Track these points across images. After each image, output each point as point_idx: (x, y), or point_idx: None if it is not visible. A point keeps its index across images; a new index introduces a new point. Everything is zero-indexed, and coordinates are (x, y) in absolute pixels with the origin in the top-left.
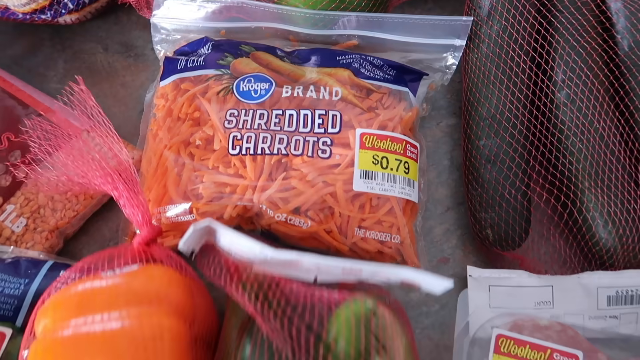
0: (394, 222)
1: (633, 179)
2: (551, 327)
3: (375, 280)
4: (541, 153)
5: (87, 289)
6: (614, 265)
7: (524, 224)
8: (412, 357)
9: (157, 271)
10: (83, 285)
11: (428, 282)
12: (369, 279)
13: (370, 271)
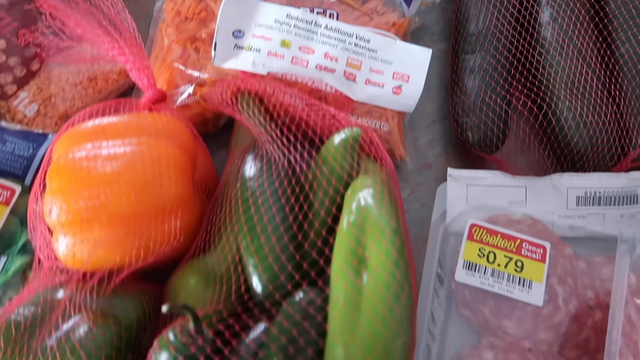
0: (384, 113)
1: (607, 89)
2: (523, 222)
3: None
4: (522, 64)
5: (98, 124)
6: (584, 167)
7: (503, 127)
8: (399, 213)
9: (165, 116)
10: (94, 122)
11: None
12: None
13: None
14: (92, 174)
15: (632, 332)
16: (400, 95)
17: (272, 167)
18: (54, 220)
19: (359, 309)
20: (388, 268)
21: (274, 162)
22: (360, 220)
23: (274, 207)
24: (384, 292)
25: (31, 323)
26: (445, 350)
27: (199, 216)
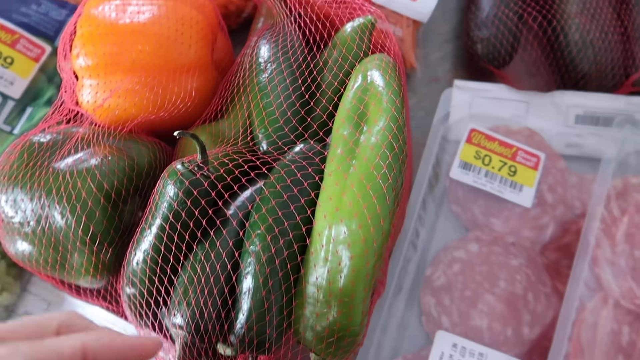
0: (399, 19)
1: (617, 12)
2: (521, 132)
3: None
4: None
5: None
6: (586, 87)
7: (512, 41)
8: (402, 91)
9: None
10: None
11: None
12: None
13: None
14: (120, 24)
15: (612, 226)
16: (416, 2)
17: (288, 43)
18: (80, 64)
19: (354, 155)
20: (386, 121)
21: (290, 40)
22: (365, 84)
23: (286, 73)
24: (379, 140)
25: (52, 145)
26: (433, 241)
27: (213, 86)
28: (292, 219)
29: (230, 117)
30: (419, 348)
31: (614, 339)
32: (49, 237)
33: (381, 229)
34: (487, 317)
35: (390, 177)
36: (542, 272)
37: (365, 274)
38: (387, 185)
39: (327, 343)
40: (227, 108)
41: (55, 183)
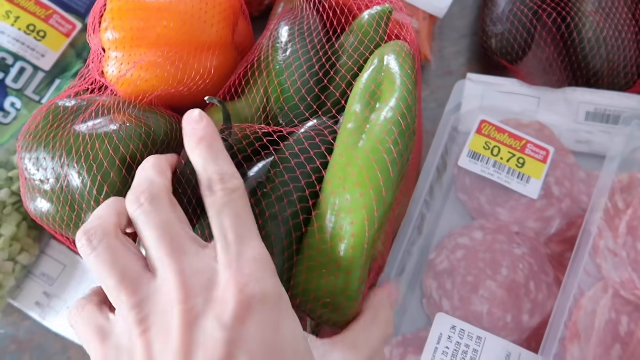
0: (416, 11)
1: (631, 12)
2: (531, 126)
3: None
4: None
5: None
6: (597, 84)
7: (526, 37)
8: (415, 78)
9: None
10: None
11: None
12: None
13: None
14: (147, 0)
15: (615, 218)
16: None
17: (304, 25)
18: (107, 37)
19: (363, 130)
20: (395, 101)
21: (307, 22)
22: (380, 66)
23: (301, 52)
24: (387, 117)
25: (76, 109)
26: (439, 227)
27: (232, 66)
28: (297, 182)
29: (247, 97)
30: (419, 329)
31: (612, 327)
32: (65, 195)
33: (383, 199)
34: (487, 302)
35: (395, 151)
36: (545, 263)
37: (364, 241)
38: (391, 159)
39: (323, 304)
40: (244, 88)
41: (75, 144)
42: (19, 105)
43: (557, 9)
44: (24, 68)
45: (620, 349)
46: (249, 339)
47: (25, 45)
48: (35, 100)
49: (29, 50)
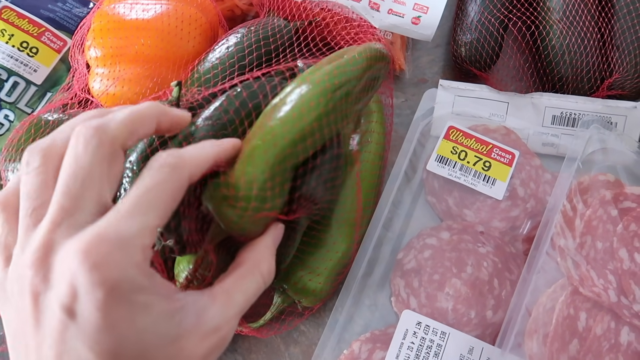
0: None
1: (595, 20)
2: (498, 131)
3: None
4: None
5: None
6: (563, 89)
7: (494, 45)
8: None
9: None
10: None
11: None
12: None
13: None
14: (127, 19)
15: (575, 218)
16: (418, 25)
17: (260, 26)
18: (91, 54)
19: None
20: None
21: (264, 23)
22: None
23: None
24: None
25: (58, 123)
26: (409, 229)
27: None
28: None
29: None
30: (387, 326)
31: (571, 323)
32: None
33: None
34: (452, 299)
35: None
36: (509, 261)
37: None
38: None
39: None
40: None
41: None
42: (12, 118)
43: (523, 18)
44: (17, 82)
45: (578, 344)
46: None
47: (18, 62)
48: (27, 113)
49: (22, 66)
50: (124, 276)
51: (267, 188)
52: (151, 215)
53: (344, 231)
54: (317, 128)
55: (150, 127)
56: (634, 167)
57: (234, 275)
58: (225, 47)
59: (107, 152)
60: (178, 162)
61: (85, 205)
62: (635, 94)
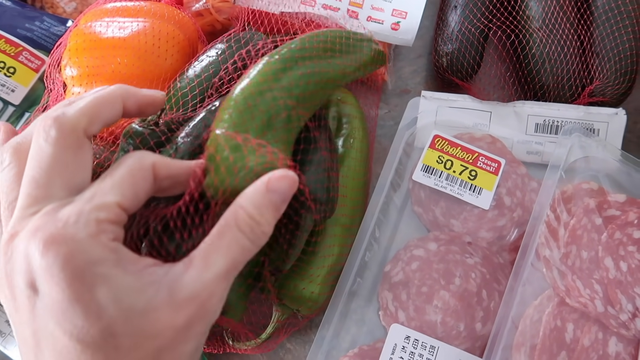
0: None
1: (574, 28)
2: (483, 139)
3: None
4: (501, 3)
5: (119, 5)
6: (544, 97)
7: (475, 55)
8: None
9: (178, 10)
10: (116, 3)
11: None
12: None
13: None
14: (103, 38)
15: (560, 227)
16: (398, 31)
17: (233, 39)
18: (67, 74)
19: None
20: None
21: (240, 37)
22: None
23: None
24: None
25: None
26: (395, 240)
27: None
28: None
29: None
30: (376, 340)
31: (558, 335)
32: None
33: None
34: (441, 312)
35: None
36: (497, 271)
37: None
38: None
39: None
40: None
41: None
42: None
43: (503, 27)
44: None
45: (566, 356)
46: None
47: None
48: None
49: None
50: (76, 249)
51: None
52: (110, 194)
53: (337, 233)
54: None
55: (115, 110)
56: (617, 174)
57: (211, 235)
58: (202, 63)
59: (68, 140)
60: (142, 153)
61: (53, 192)
62: (616, 101)
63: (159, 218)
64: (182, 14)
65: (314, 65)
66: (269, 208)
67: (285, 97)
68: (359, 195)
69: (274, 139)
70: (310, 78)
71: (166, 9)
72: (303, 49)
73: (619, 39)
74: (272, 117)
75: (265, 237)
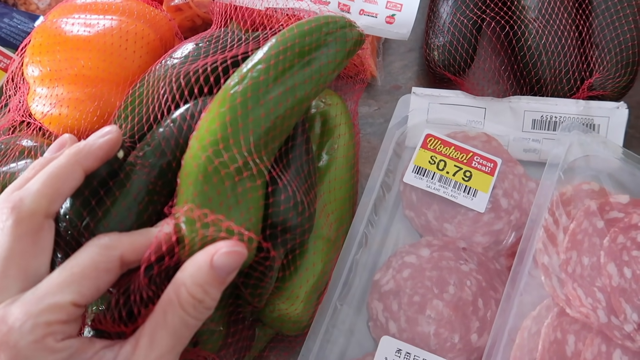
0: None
1: (572, 19)
2: (478, 138)
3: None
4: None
5: (86, 2)
6: (541, 91)
7: (468, 48)
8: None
9: (152, 8)
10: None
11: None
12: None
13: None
14: (68, 37)
15: (559, 232)
16: (393, 24)
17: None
18: (28, 73)
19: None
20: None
21: (215, 36)
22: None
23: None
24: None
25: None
26: (385, 246)
27: None
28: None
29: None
30: (365, 353)
31: (558, 348)
32: None
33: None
34: (434, 323)
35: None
36: (493, 278)
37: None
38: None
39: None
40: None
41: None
42: None
43: (497, 19)
44: None
45: None
46: None
47: None
48: None
49: None
50: (17, 356)
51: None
52: (66, 291)
53: (319, 248)
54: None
55: (75, 180)
56: (619, 174)
57: (155, 312)
58: (163, 68)
59: (26, 228)
60: (109, 242)
61: (8, 284)
62: (617, 94)
63: (122, 289)
64: (155, 11)
65: (278, 96)
66: (213, 285)
67: (248, 151)
68: (345, 204)
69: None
70: (275, 115)
71: (137, 6)
72: (267, 74)
73: (620, 29)
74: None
75: (210, 311)
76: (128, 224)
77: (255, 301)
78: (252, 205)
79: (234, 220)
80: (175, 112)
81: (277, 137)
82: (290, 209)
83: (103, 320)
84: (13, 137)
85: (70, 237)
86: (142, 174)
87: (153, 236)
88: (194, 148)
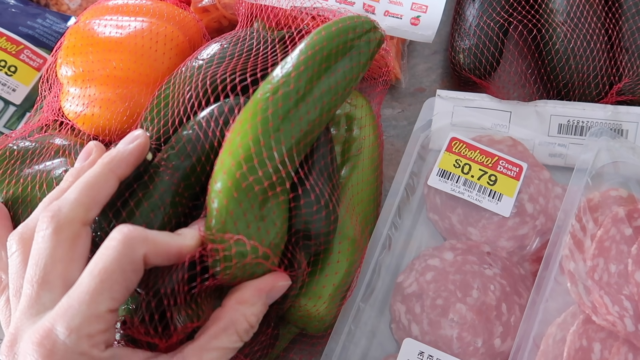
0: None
1: (601, 22)
2: (503, 142)
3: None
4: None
5: (121, 3)
6: (568, 96)
7: (494, 51)
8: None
9: (181, 10)
10: (117, 1)
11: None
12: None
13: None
14: (100, 38)
15: (586, 239)
16: (418, 26)
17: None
18: (62, 73)
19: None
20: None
21: (235, 37)
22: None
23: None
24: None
25: (24, 153)
26: (409, 248)
27: None
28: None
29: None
30: (387, 355)
31: (584, 356)
32: None
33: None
34: (457, 326)
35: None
36: (517, 283)
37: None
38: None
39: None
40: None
41: (24, 188)
42: None
43: (524, 22)
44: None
45: None
46: None
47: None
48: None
49: (0, 86)
50: None
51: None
52: (100, 300)
53: (344, 248)
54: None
55: (110, 187)
56: None
57: (207, 333)
58: (189, 71)
59: (64, 236)
60: (132, 240)
61: (50, 287)
62: None
63: (151, 292)
64: (184, 13)
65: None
66: (263, 312)
67: (282, 163)
68: (370, 205)
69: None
70: (305, 123)
71: (167, 7)
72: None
73: None
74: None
75: (254, 331)
76: (151, 225)
77: (280, 301)
78: (282, 216)
79: (269, 233)
80: (200, 115)
81: (308, 145)
82: (314, 213)
83: (132, 324)
84: (47, 136)
85: (99, 239)
86: (165, 175)
87: (175, 241)
88: (227, 164)
